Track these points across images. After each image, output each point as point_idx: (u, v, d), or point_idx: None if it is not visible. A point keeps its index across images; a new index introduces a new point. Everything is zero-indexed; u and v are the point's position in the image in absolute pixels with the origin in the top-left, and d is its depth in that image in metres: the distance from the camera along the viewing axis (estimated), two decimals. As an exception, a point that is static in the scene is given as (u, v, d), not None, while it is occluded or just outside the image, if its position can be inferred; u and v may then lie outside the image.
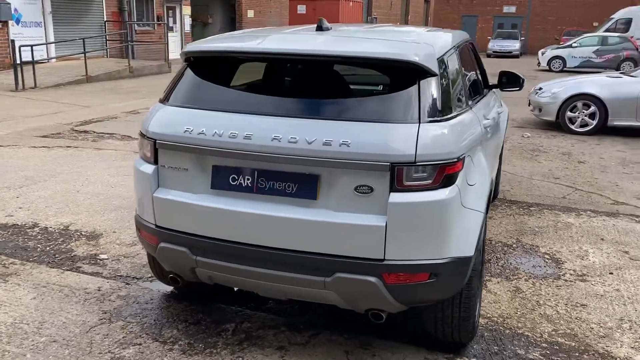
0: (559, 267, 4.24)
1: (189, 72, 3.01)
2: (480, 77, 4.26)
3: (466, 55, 3.83)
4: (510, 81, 4.58)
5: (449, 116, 2.69)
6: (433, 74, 2.70)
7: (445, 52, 3.00)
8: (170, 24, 21.34)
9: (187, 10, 22.92)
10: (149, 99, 12.35)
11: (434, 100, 2.65)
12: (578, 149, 8.55)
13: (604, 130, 9.52)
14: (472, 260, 2.74)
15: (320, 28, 3.10)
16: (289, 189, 2.63)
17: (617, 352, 3.15)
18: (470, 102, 3.23)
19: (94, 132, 8.82)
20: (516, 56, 31.36)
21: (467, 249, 2.69)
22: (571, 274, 4.11)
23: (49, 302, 3.48)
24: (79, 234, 4.64)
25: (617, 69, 21.32)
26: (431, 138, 2.52)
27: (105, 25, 18.45)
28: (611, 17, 26.76)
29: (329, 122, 2.59)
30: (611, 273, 4.14)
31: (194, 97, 2.91)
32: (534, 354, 3.12)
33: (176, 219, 2.84)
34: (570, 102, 9.58)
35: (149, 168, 2.89)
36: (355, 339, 3.18)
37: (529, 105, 10.47)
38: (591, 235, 4.90)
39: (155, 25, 21.06)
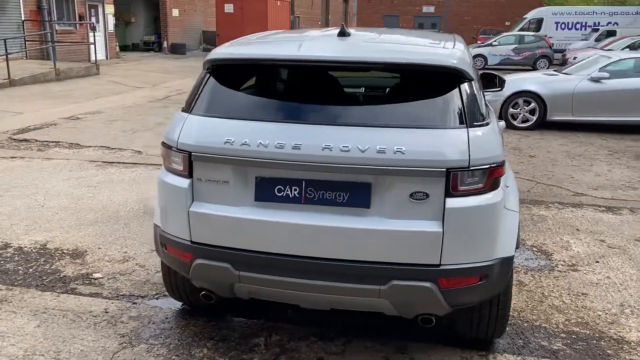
0: (550, 259, 4.45)
1: (214, 79, 2.88)
2: None
3: None
4: (489, 82, 4.73)
5: (487, 120, 2.75)
6: (470, 79, 2.75)
7: (471, 57, 3.07)
8: (93, 24, 20.30)
9: (110, 8, 21.93)
10: (84, 103, 11.72)
11: (476, 104, 2.71)
12: (525, 143, 9.02)
13: (543, 125, 10.09)
14: (514, 260, 2.82)
15: (343, 34, 3.07)
16: (340, 198, 2.59)
17: (629, 336, 3.36)
18: (489, 106, 3.32)
19: (37, 140, 8.25)
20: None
21: (510, 248, 2.77)
22: (562, 265, 4.34)
23: (56, 330, 3.22)
24: (60, 252, 4.33)
25: (534, 66, 22.70)
26: (481, 142, 2.57)
27: (23, 25, 17.27)
28: (524, 17, 28.40)
29: (379, 129, 2.57)
30: (597, 262, 4.41)
31: (226, 105, 2.80)
32: (557, 344, 3.27)
33: (216, 234, 2.72)
34: (512, 99, 10.07)
35: (183, 182, 2.75)
36: (389, 344, 3.19)
37: (472, 103, 10.87)
38: (567, 227, 5.19)
39: (78, 25, 19.99)
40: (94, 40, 17.96)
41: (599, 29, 25.84)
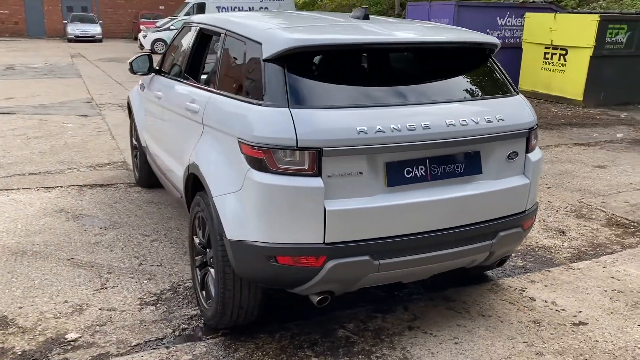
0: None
1: (303, 68, 2.68)
2: None
3: None
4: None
5: None
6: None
7: None
8: None
9: None
10: None
11: (507, 75, 3.24)
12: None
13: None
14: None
15: (366, 17, 3.18)
16: (458, 170, 2.81)
17: (535, 243, 4.48)
18: None
19: None
20: (99, 40, 30.77)
21: (534, 190, 3.44)
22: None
23: (128, 406, 2.48)
24: (-31, 328, 3.10)
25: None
26: (530, 106, 3.13)
27: None
28: (187, 1, 29.14)
29: (477, 101, 2.89)
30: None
31: (335, 95, 2.67)
32: (518, 262, 4.14)
33: (352, 229, 2.59)
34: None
35: (312, 181, 2.50)
36: (439, 298, 3.52)
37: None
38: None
39: None
40: None
41: (256, 13, 28.56)
